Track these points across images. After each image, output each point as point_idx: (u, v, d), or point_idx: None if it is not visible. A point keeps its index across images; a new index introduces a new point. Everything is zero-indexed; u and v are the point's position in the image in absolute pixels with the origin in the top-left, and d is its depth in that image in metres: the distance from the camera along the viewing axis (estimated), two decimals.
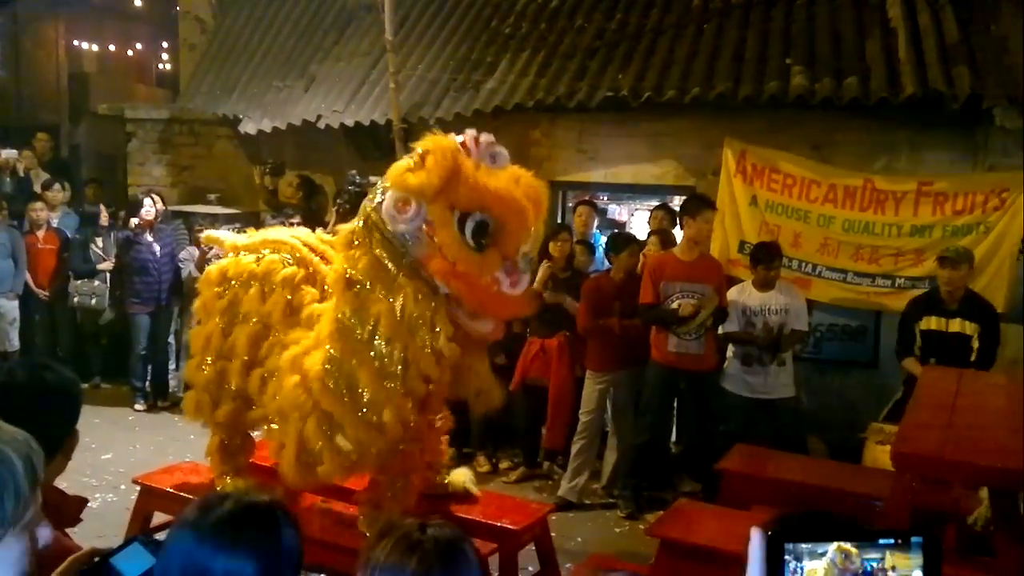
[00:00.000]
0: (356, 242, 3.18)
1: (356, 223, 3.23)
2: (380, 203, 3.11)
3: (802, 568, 1.13)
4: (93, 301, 7.72)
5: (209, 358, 3.80)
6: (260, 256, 3.76)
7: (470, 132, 3.15)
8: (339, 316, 3.17)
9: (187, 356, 6.92)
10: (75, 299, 7.76)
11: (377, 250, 3.11)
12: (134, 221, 7.50)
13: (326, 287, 3.49)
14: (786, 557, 1.13)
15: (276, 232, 3.97)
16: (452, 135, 3.14)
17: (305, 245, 3.76)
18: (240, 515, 1.66)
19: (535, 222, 3.19)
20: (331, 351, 3.19)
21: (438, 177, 2.95)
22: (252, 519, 1.67)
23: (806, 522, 1.22)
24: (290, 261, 3.70)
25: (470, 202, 2.99)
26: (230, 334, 3.74)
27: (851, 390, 6.36)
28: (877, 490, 3.64)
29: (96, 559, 1.61)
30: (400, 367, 3.10)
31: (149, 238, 7.47)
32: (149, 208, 7.45)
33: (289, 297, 3.58)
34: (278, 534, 1.69)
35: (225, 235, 4.25)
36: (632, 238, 6.31)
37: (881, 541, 1.14)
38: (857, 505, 3.88)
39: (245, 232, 4.17)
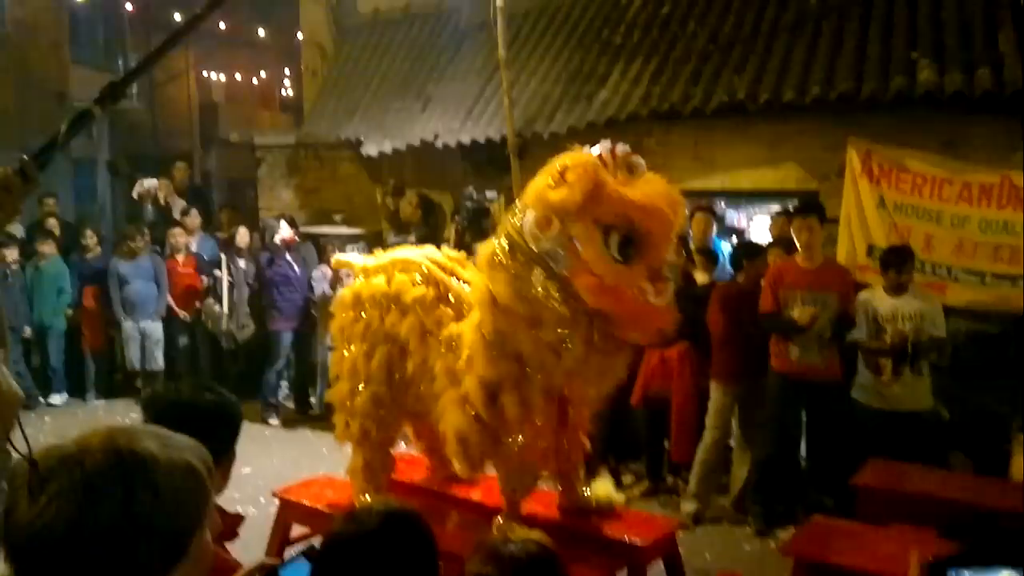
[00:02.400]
0: (498, 261, 3.16)
1: (498, 242, 3.20)
2: (522, 222, 3.08)
3: None
4: (209, 324, 8.13)
5: (354, 383, 3.89)
6: (390, 277, 3.84)
7: (606, 143, 3.08)
8: (483, 334, 3.29)
9: (323, 375, 7.16)
10: (204, 319, 8.17)
11: (519, 270, 3.09)
12: (278, 238, 7.85)
13: (463, 305, 3.57)
14: None
15: (404, 252, 4.03)
16: (587, 147, 3.10)
17: (434, 263, 3.80)
18: (387, 524, 1.80)
19: (676, 229, 3.17)
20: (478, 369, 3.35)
21: (580, 193, 2.90)
22: (398, 526, 1.81)
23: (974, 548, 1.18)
24: (420, 280, 3.75)
25: (615, 216, 2.94)
26: (372, 357, 3.82)
27: (995, 401, 6.00)
28: None
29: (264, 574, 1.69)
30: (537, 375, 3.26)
31: (289, 257, 7.84)
32: (286, 228, 7.83)
33: (424, 318, 3.64)
34: (420, 540, 1.83)
35: (355, 258, 4.30)
36: (761, 247, 6.15)
37: None
38: (1005, 521, 3.67)
39: (371, 252, 4.27)
